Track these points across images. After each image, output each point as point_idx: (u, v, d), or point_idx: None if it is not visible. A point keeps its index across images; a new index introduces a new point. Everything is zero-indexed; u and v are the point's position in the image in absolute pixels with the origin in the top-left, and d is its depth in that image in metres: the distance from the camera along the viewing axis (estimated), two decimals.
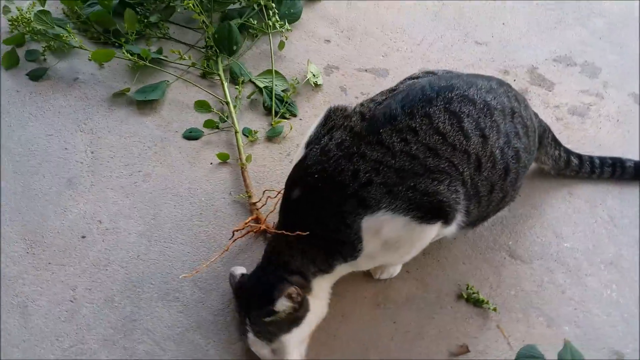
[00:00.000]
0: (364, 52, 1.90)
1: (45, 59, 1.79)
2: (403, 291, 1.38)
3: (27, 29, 1.72)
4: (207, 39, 1.77)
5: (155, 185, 1.52)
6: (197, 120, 1.67)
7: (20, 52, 1.80)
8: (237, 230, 1.38)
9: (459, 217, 1.22)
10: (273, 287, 1.12)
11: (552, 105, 1.77)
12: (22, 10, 1.74)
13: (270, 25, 1.77)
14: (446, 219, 1.19)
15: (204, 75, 1.76)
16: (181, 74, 1.76)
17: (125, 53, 1.64)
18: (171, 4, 1.85)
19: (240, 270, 1.25)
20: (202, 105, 1.63)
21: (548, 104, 1.77)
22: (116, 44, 1.78)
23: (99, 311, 1.32)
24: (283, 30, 1.78)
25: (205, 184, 1.54)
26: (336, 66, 1.84)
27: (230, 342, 1.28)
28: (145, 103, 1.67)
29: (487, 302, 1.36)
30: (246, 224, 1.40)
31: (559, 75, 1.85)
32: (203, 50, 1.81)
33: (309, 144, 1.21)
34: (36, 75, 1.73)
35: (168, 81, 1.73)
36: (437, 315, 1.35)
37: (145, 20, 1.79)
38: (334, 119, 1.22)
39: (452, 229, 1.24)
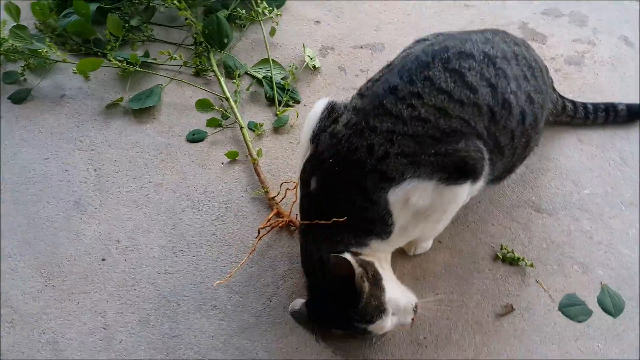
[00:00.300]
0: (356, 28, 1.86)
1: (25, 79, 1.69)
2: (439, 261, 1.37)
3: (1, 49, 1.62)
4: (195, 36, 1.70)
5: (169, 194, 1.46)
6: (199, 120, 1.61)
7: None
8: (262, 228, 1.34)
9: (486, 169, 1.20)
10: (346, 285, 1.07)
11: (549, 58, 1.77)
12: None
13: (259, 13, 1.70)
14: (474, 175, 1.16)
15: (197, 74, 1.70)
16: (174, 75, 1.69)
17: (114, 60, 1.56)
18: (151, 4, 1.76)
19: (299, 302, 1.18)
20: (203, 105, 1.56)
21: (544, 56, 1.76)
22: (99, 53, 1.69)
23: (135, 334, 1.26)
24: (273, 16, 1.72)
25: (220, 185, 1.49)
26: (331, 46, 1.80)
27: (278, 341, 1.25)
28: (142, 111, 1.59)
29: (522, 259, 1.36)
30: (269, 220, 1.36)
31: (550, 27, 1.86)
32: (192, 47, 1.73)
33: (313, 139, 1.17)
34: (19, 98, 1.63)
35: (161, 85, 1.65)
36: (477, 280, 1.35)
37: (127, 25, 1.70)
38: (336, 110, 1.19)
39: (480, 184, 1.22)
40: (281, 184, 1.41)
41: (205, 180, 1.49)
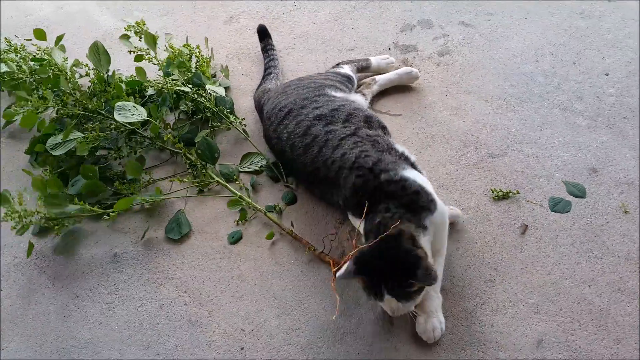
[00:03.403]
0: None
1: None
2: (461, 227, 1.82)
3: (32, 220, 1.76)
4: (187, 161, 1.96)
5: (254, 277, 1.74)
6: (227, 223, 1.88)
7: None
8: (334, 272, 1.60)
9: None
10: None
11: (426, 58, 2.33)
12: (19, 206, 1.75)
13: (231, 122, 2.05)
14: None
15: (201, 190, 1.94)
16: (184, 199, 1.92)
17: (142, 199, 1.82)
18: (138, 152, 1.99)
19: None
20: (234, 203, 1.84)
21: (422, 58, 2.33)
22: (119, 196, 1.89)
23: None
24: (241, 120, 2.09)
25: (282, 251, 1.79)
26: None
27: (400, 331, 1.60)
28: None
29: (509, 192, 1.87)
30: (334, 270, 1.59)
31: (413, 38, 2.42)
32: (188, 170, 1.98)
33: None
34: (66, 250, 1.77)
35: (182, 210, 1.89)
36: (493, 220, 1.82)
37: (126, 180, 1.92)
38: None
39: None
40: (323, 239, 1.74)
41: (269, 255, 1.78)
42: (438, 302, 1.58)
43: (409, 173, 1.56)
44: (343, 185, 1.60)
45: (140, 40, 1.99)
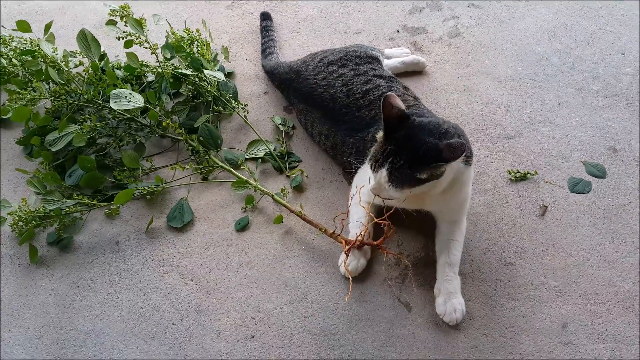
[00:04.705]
0: None
1: (68, 239, 1.75)
2: (478, 203, 1.75)
3: (35, 222, 1.69)
4: (189, 148, 1.88)
5: (262, 264, 1.66)
6: (234, 210, 1.79)
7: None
8: (346, 252, 1.55)
9: None
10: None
11: (437, 40, 2.26)
12: (20, 209, 1.69)
13: (234, 107, 1.97)
14: None
15: (205, 177, 1.86)
16: (187, 187, 1.85)
17: (142, 188, 1.73)
18: (138, 139, 1.92)
19: None
20: (239, 185, 1.76)
21: (433, 40, 2.26)
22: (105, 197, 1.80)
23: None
24: (243, 106, 2.01)
25: (292, 237, 1.71)
26: (287, 106, 2.07)
27: (420, 315, 1.52)
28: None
29: (527, 173, 1.80)
30: (347, 250, 1.54)
31: (422, 20, 2.35)
32: (191, 157, 1.90)
33: None
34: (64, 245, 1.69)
35: (184, 198, 1.80)
36: (511, 203, 1.75)
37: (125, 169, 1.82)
38: None
39: None
40: (334, 219, 1.66)
41: (278, 241, 1.70)
42: (457, 283, 1.53)
43: None
44: None
45: (126, 25, 1.89)
